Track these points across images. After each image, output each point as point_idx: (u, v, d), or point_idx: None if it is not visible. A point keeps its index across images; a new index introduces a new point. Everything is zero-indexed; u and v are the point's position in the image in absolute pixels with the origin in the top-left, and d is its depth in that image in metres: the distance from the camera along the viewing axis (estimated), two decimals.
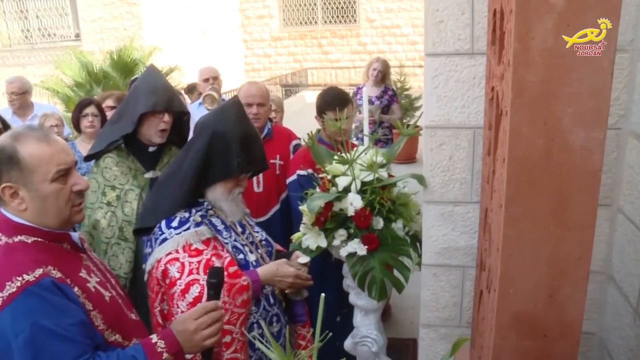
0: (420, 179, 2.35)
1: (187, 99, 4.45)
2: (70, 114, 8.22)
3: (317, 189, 2.66)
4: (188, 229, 2.11)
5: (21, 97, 5.21)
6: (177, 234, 2.10)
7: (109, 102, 4.15)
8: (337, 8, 17.45)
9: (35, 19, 13.50)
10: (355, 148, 2.51)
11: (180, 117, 3.03)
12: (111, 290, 1.80)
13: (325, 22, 17.64)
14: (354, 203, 2.42)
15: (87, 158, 2.96)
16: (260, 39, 17.97)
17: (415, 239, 2.56)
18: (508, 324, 1.38)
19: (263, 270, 2.20)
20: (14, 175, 1.61)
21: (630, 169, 2.08)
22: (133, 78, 5.87)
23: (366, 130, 2.95)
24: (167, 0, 13.69)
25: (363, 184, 2.46)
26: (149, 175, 2.90)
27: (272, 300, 2.30)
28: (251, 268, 2.20)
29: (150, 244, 2.17)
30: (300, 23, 17.81)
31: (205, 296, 1.94)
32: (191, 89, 6.33)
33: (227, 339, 2.06)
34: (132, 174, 2.88)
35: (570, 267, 1.32)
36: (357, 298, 2.74)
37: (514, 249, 1.33)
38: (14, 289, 1.51)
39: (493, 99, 1.64)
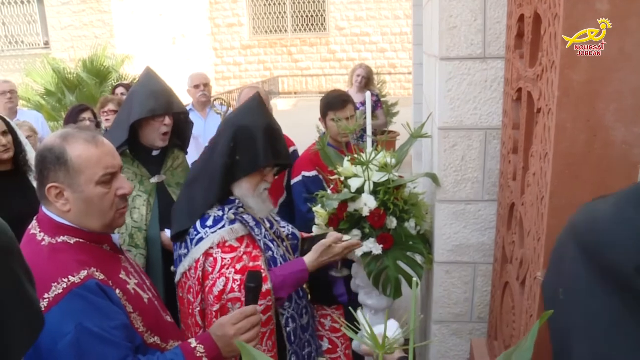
0: (434, 179, 2.44)
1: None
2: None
3: (329, 191, 2.73)
4: (223, 226, 2.13)
5: (15, 98, 5.13)
6: (212, 232, 2.12)
7: (110, 107, 4.15)
8: (307, 16, 17.59)
9: (2, 26, 13.23)
10: (371, 150, 2.58)
11: (180, 118, 3.04)
12: (148, 292, 1.81)
13: (295, 30, 17.75)
14: (368, 203, 2.49)
15: None
16: (230, 47, 17.97)
17: (424, 239, 2.64)
18: None
19: (309, 258, 2.21)
20: (60, 175, 1.61)
21: None
22: (116, 84, 5.83)
23: (369, 131, 3.02)
24: (138, 8, 13.60)
25: (376, 184, 2.53)
26: (154, 180, 2.91)
27: (301, 293, 2.34)
28: (279, 263, 2.23)
29: (186, 245, 2.17)
30: (270, 31, 17.88)
31: (228, 290, 1.99)
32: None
33: None
34: (139, 180, 2.88)
35: None
36: (367, 298, 2.80)
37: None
38: (60, 290, 1.51)
39: (521, 99, 1.74)
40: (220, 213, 2.17)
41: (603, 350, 0.91)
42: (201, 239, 2.12)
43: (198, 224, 2.15)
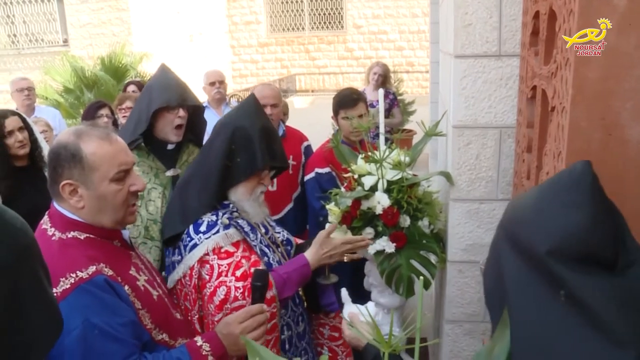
0: (448, 177, 2.42)
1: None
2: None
3: (342, 188, 2.72)
4: (217, 232, 2.08)
5: (33, 95, 5.19)
6: (206, 238, 2.06)
7: (128, 104, 4.18)
8: (324, 14, 17.57)
9: (23, 24, 13.40)
10: (385, 148, 2.56)
11: (195, 113, 3.05)
12: (158, 288, 1.81)
13: (312, 28, 17.73)
14: (381, 201, 2.48)
15: None
16: (247, 45, 18.01)
17: (438, 237, 2.62)
18: None
19: (309, 252, 2.19)
20: (75, 173, 1.61)
21: None
22: (127, 81, 5.88)
23: (382, 129, 3.00)
24: (156, 6, 13.68)
25: (389, 182, 2.51)
26: (169, 173, 2.91)
27: (297, 300, 2.32)
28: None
29: (179, 252, 2.11)
30: (287, 29, 17.88)
31: (231, 299, 1.95)
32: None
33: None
34: (154, 172, 2.89)
35: None
36: (380, 296, 2.79)
37: None
38: (68, 286, 1.51)
39: (535, 97, 1.72)
40: (214, 218, 2.11)
41: (530, 332, 0.97)
42: (195, 245, 2.06)
43: (191, 229, 2.09)
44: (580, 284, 0.92)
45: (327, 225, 2.52)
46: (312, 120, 9.25)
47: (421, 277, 1.01)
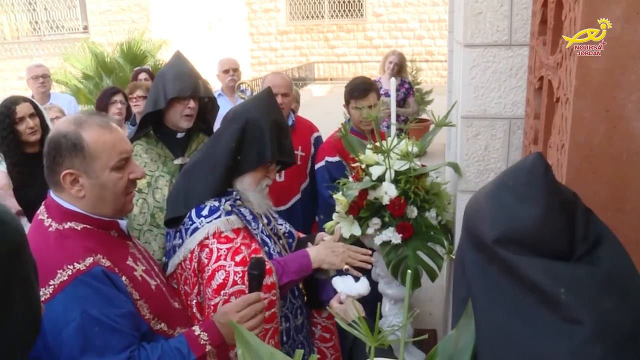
0: (456, 168, 2.39)
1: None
2: (80, 107, 8.27)
3: (350, 178, 2.70)
4: (219, 217, 2.09)
5: (48, 82, 5.21)
6: (207, 222, 2.07)
7: (139, 92, 4.19)
8: (344, 2, 17.45)
9: (44, 11, 13.54)
10: (392, 138, 2.53)
11: (206, 103, 3.05)
12: (155, 278, 1.81)
13: (332, 16, 17.63)
14: (388, 192, 2.45)
15: None
16: (266, 33, 17.97)
17: (446, 229, 2.59)
18: None
19: (311, 248, 2.19)
20: (76, 162, 1.60)
21: None
22: (137, 68, 5.90)
23: (393, 119, 2.97)
24: None
25: (397, 173, 2.49)
26: (178, 161, 2.92)
27: (296, 293, 2.31)
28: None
29: (180, 235, 2.12)
30: (307, 17, 17.80)
31: (230, 283, 1.96)
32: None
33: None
34: (162, 160, 2.90)
35: (628, 251, 1.35)
36: (387, 287, 2.77)
37: None
38: (65, 278, 1.51)
39: (542, 88, 1.68)
40: (217, 203, 2.11)
41: (492, 322, 0.99)
42: (196, 229, 2.07)
43: (193, 213, 2.10)
44: (531, 266, 0.93)
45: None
46: (330, 109, 9.20)
47: (408, 272, 0.99)
